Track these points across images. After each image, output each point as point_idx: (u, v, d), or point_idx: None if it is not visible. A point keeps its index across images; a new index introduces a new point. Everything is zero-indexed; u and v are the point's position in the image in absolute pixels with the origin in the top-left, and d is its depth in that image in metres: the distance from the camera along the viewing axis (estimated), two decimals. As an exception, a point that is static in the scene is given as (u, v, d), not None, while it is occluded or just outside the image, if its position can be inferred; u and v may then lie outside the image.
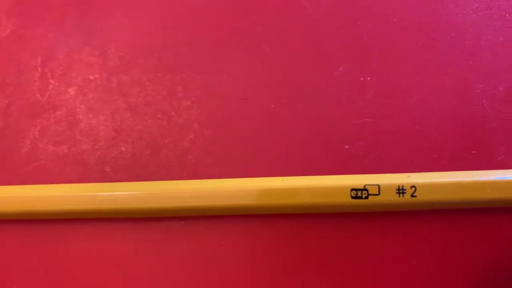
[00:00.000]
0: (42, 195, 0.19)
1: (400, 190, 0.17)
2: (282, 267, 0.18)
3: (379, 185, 0.17)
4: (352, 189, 0.17)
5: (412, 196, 0.17)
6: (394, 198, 0.17)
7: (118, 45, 0.21)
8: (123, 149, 0.19)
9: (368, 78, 0.19)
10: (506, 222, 0.18)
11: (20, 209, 0.19)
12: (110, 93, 0.20)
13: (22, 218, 0.19)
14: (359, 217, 0.18)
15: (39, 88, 0.21)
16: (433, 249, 0.18)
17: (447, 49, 0.20)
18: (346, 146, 0.19)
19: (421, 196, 0.17)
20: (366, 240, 0.18)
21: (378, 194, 0.17)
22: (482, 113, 0.19)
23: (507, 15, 0.20)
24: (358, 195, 0.17)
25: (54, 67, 0.21)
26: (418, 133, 0.19)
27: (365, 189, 0.17)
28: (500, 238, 0.18)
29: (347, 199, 0.17)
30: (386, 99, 0.19)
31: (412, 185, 0.17)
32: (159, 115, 0.20)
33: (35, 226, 0.19)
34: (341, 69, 0.20)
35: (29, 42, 0.21)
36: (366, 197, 0.17)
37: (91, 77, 0.21)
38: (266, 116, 0.19)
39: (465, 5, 0.20)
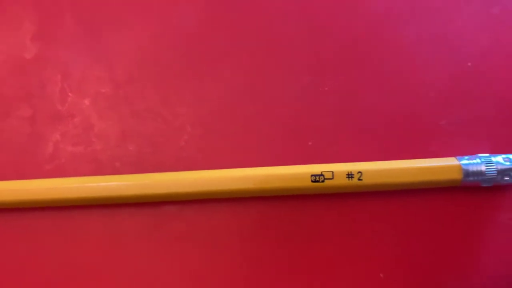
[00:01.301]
0: (62, 186, 0.23)
1: (349, 175, 0.22)
2: (258, 241, 0.22)
3: (333, 171, 0.22)
4: (312, 175, 0.21)
5: (358, 179, 0.21)
6: (345, 181, 0.21)
7: (124, 62, 0.25)
8: (130, 148, 0.24)
9: (326, 89, 0.24)
10: (435, 201, 0.22)
11: (44, 197, 0.23)
12: (117, 103, 0.25)
13: (46, 206, 0.23)
14: (318, 197, 0.22)
15: (59, 100, 0.25)
16: (375, 222, 0.22)
17: (391, 58, 0.24)
18: (310, 143, 0.23)
19: (366, 180, 0.21)
20: (323, 216, 0.22)
21: (332, 178, 0.21)
22: (420, 112, 0.24)
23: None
24: (316, 180, 0.21)
25: (71, 82, 0.25)
26: (368, 131, 0.23)
27: (321, 174, 0.22)
28: (427, 214, 0.22)
29: (308, 183, 0.21)
30: (342, 104, 0.24)
31: (358, 171, 0.22)
32: (158, 120, 0.24)
33: (55, 212, 0.23)
34: (307, 80, 0.24)
35: (50, 62, 0.25)
36: (323, 181, 0.21)
37: (102, 90, 0.25)
38: (245, 119, 0.24)
39: (411, 26, 0.25)
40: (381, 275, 0.22)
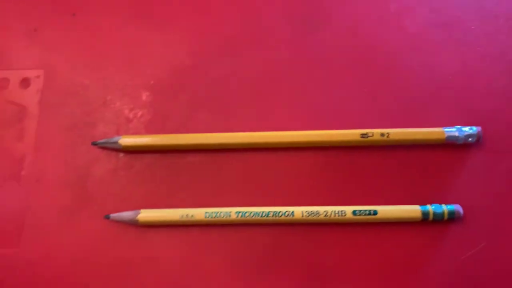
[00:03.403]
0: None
1: (382, 134, 0.39)
2: (328, 170, 0.39)
3: (373, 132, 0.39)
4: (361, 134, 0.38)
5: (387, 137, 0.38)
6: (380, 138, 0.38)
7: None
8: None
9: (365, 90, 0.41)
10: (430, 151, 0.39)
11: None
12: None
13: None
14: (364, 148, 0.39)
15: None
16: (394, 164, 0.39)
17: (404, 74, 0.42)
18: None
19: (391, 137, 0.38)
20: (366, 158, 0.39)
21: (372, 136, 0.39)
22: (428, 103, 0.41)
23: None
24: (363, 136, 0.38)
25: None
26: (395, 110, 0.41)
27: (366, 133, 0.38)
28: (426, 157, 0.39)
29: (358, 138, 0.38)
30: (375, 100, 0.41)
31: (388, 132, 0.39)
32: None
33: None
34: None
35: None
36: (367, 137, 0.38)
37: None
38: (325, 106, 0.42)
39: (412, 58, 0.43)
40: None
